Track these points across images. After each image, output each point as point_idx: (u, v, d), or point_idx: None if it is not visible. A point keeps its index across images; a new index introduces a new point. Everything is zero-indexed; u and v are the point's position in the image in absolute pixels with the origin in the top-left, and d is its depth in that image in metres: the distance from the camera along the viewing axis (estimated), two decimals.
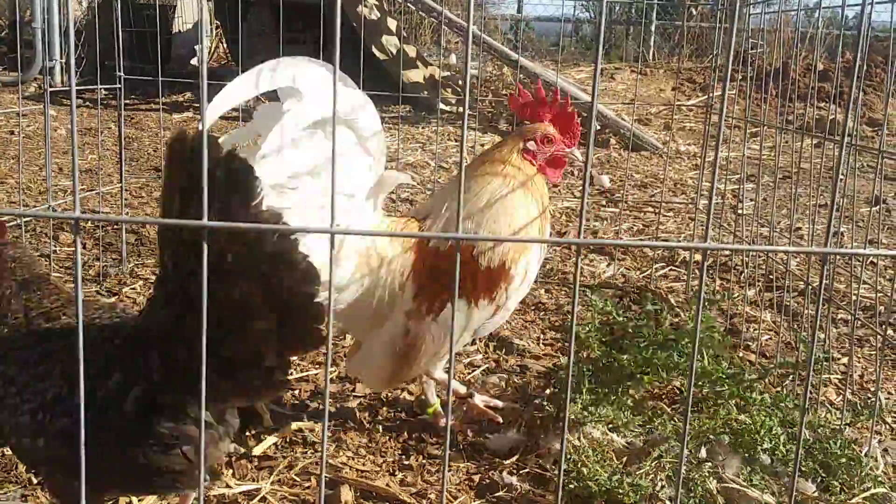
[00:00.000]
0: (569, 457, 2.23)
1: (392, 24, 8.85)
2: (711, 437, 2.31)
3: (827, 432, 2.45)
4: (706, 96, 7.44)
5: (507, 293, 2.34)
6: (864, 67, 3.99)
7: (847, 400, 2.89)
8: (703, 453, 2.23)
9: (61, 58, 8.70)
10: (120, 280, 3.71)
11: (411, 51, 8.89)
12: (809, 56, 9.39)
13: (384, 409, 2.69)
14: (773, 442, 2.27)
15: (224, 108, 2.01)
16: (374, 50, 8.34)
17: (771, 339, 3.41)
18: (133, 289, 3.62)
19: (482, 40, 7.90)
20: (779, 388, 2.92)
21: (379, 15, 8.72)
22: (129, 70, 9.00)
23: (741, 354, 3.22)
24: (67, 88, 4.70)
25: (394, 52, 8.45)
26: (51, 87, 8.39)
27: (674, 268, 4.35)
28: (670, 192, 6.14)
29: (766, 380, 3.00)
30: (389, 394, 2.78)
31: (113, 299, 3.51)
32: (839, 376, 3.10)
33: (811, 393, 2.90)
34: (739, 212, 5.09)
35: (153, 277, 3.75)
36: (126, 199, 5.02)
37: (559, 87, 7.38)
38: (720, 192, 5.66)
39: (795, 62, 4.50)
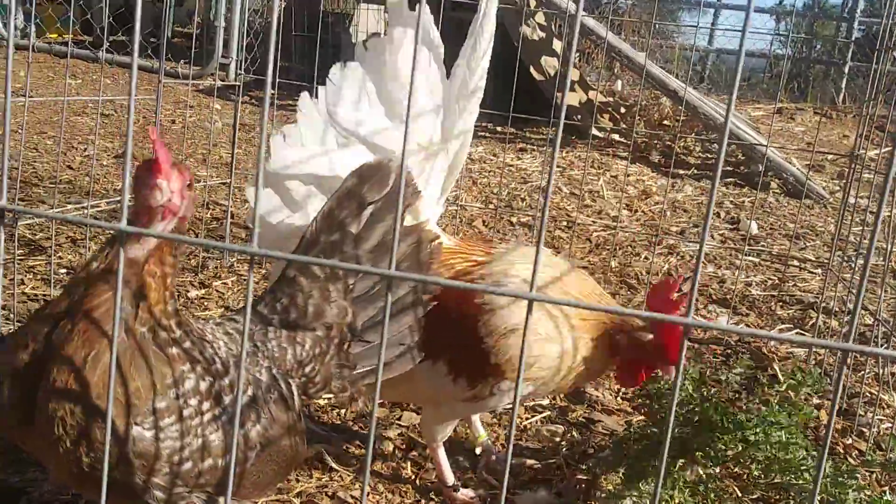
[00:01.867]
0: None
1: (557, 45, 8.68)
2: None
3: None
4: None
5: (492, 389, 2.06)
6: None
7: None
8: None
9: (237, 56, 9.20)
10: (216, 274, 3.77)
11: (573, 73, 8.68)
12: None
13: (423, 445, 2.53)
14: None
15: None
16: (532, 70, 8.20)
17: (894, 427, 2.95)
18: (224, 283, 3.67)
19: (644, 67, 7.56)
20: (885, 489, 2.50)
21: (543, 35, 8.57)
22: (298, 73, 9.37)
23: (849, 441, 2.80)
24: (236, 83, 4.87)
25: (552, 73, 8.28)
26: (222, 81, 8.92)
27: (801, 331, 3.90)
28: (825, 247, 5.56)
29: (873, 477, 2.58)
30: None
31: (202, 291, 3.57)
32: None
33: None
34: None
35: (244, 273, 3.80)
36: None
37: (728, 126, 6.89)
38: (884, 251, 5.05)
39: None
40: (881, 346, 3.41)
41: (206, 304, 3.48)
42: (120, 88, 8.32)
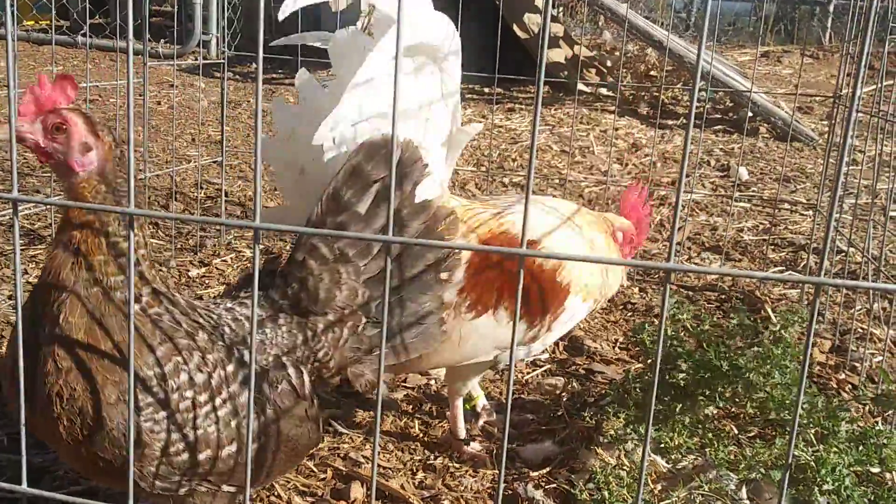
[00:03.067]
0: (598, 476, 2.05)
1: (540, 1, 8.62)
2: (763, 471, 2.05)
3: None
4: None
5: (550, 324, 2.18)
6: None
7: None
8: (743, 493, 1.99)
9: (217, 32, 9.14)
10: (215, 251, 3.82)
11: (557, 29, 8.64)
12: None
13: (429, 404, 2.60)
14: (836, 483, 1.99)
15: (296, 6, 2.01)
16: (515, 28, 8.16)
17: (887, 361, 3.02)
18: (224, 261, 3.72)
19: (626, 18, 7.54)
20: (878, 419, 2.58)
21: None
22: (284, 45, 9.32)
23: (842, 376, 2.88)
24: (220, 61, 4.85)
25: (535, 30, 8.24)
26: (205, 59, 8.86)
27: (794, 273, 3.96)
28: (816, 189, 5.61)
29: (867, 409, 2.66)
30: (439, 388, 2.69)
31: (203, 270, 3.62)
32: None
33: None
34: (892, 213, 4.58)
35: (248, 251, 3.85)
36: (243, 172, 5.21)
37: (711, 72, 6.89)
38: (873, 191, 5.10)
39: None
40: (871, 281, 3.48)
41: (207, 282, 3.53)
42: (101, 73, 8.27)
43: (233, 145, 5.77)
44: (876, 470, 2.19)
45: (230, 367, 1.56)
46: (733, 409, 2.52)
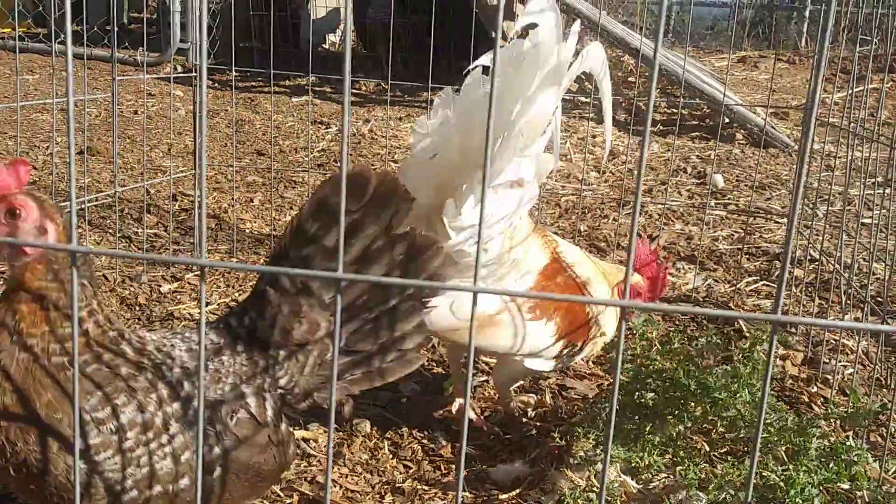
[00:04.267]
0: (567, 500, 2.05)
1: None
2: (732, 492, 2.05)
3: (884, 493, 2.13)
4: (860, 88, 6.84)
5: (572, 353, 2.47)
6: None
7: None
8: None
9: (195, 40, 9.09)
10: (188, 266, 3.79)
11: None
12: None
13: (401, 422, 2.58)
14: (807, 503, 1.99)
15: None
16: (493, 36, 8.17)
17: (859, 373, 3.03)
18: (197, 275, 3.68)
19: (600, 26, 7.56)
20: (850, 435, 2.59)
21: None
22: (259, 52, 9.26)
23: (814, 389, 2.88)
24: (191, 74, 4.80)
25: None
26: (184, 68, 8.81)
27: (768, 283, 3.98)
28: (791, 196, 5.64)
29: (839, 424, 2.67)
30: (414, 407, 2.68)
31: (175, 285, 3.59)
32: None
33: (885, 442, 2.54)
34: (864, 221, 4.61)
35: (218, 264, 3.82)
36: (218, 182, 5.17)
37: (686, 79, 6.93)
38: (848, 197, 5.14)
39: None
40: (843, 290, 3.50)
41: (178, 297, 3.50)
42: (78, 82, 8.19)
43: (210, 156, 5.72)
44: (846, 486, 2.20)
45: (176, 405, 1.54)
46: (704, 426, 2.53)
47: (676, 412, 2.21)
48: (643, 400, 2.26)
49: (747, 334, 3.15)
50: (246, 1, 9.27)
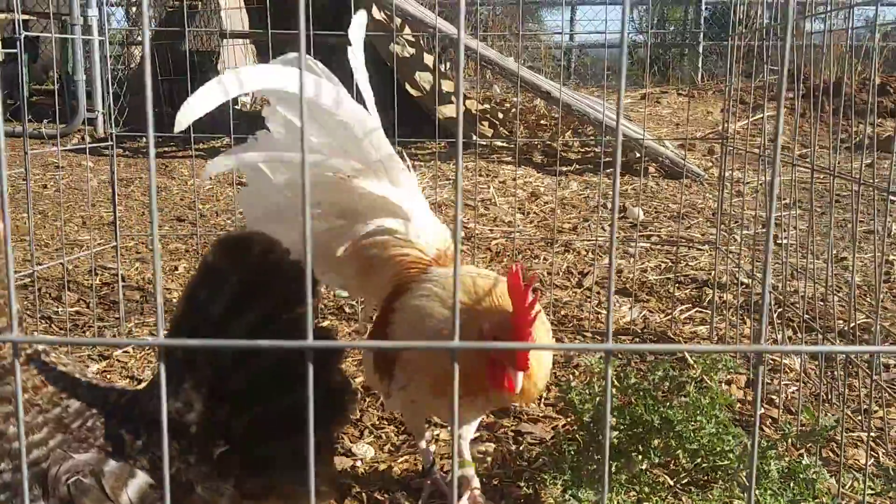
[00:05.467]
0: None
1: (429, 59, 8.75)
2: None
3: None
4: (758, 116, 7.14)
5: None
6: None
7: (880, 464, 2.60)
8: None
9: (103, 108, 8.88)
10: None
11: (448, 86, 8.78)
12: (866, 70, 8.96)
13: (359, 486, 2.50)
14: None
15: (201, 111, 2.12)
16: (408, 87, 8.25)
17: (800, 390, 3.11)
18: (126, 352, 3.53)
19: (516, 73, 7.73)
20: (802, 452, 2.64)
21: (413, 52, 8.64)
22: (170, 118, 9.12)
23: (762, 411, 2.94)
24: (107, 139, 4.67)
25: (427, 88, 8.35)
26: (93, 138, 8.57)
27: (700, 309, 4.07)
28: (708, 223, 5.82)
29: (790, 443, 2.71)
30: (364, 471, 2.60)
31: (103, 364, 3.43)
32: (874, 433, 2.78)
33: (836, 457, 2.60)
34: (781, 241, 4.77)
35: (150, 338, 3.66)
36: (139, 252, 5.00)
37: (592, 116, 7.09)
38: (761, 220, 5.33)
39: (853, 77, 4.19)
40: (774, 311, 3.60)
41: (108, 376, 3.34)
42: None
43: (127, 226, 5.55)
44: None
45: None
46: (666, 460, 2.53)
47: (641, 448, 2.21)
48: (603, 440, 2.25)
49: (691, 362, 3.21)
50: (153, 67, 9.14)
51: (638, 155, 7.37)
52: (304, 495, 1.48)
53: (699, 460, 2.29)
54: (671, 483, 2.39)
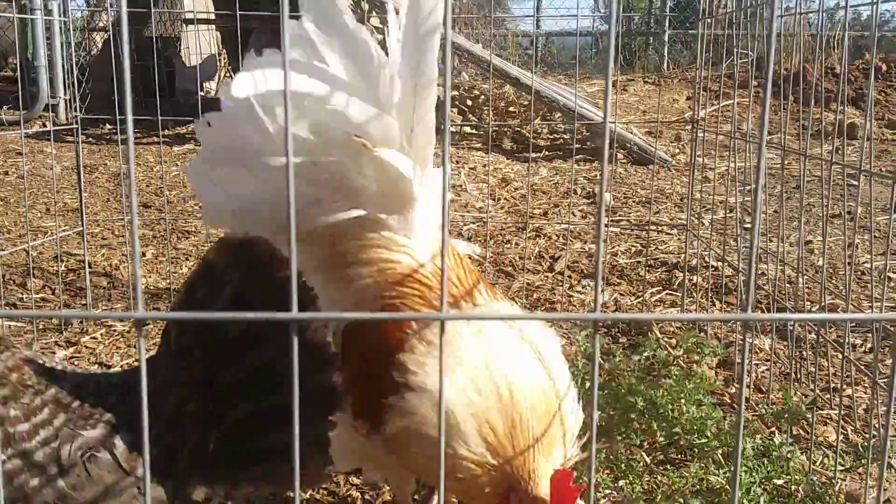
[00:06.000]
0: None
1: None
2: (681, 501, 2.07)
3: (819, 484, 2.20)
4: (727, 103, 7.20)
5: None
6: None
7: (849, 440, 2.64)
8: None
9: (65, 94, 8.70)
10: (82, 329, 3.56)
11: None
12: (829, 58, 9.10)
13: None
14: (752, 502, 2.03)
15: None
16: None
17: (769, 370, 3.15)
18: (94, 338, 3.47)
19: (486, 59, 7.72)
20: (773, 430, 2.67)
21: (381, 38, 8.58)
22: (135, 104, 8.99)
23: (733, 390, 2.97)
24: (72, 124, 4.57)
25: None
26: (55, 124, 8.40)
27: (670, 292, 4.11)
28: (676, 208, 5.88)
29: (761, 421, 2.75)
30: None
31: (70, 350, 3.36)
32: (843, 411, 2.83)
33: (807, 434, 2.64)
34: (746, 226, 4.83)
35: (119, 324, 3.60)
36: (105, 239, 4.92)
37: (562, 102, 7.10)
38: (730, 205, 5.40)
39: (815, 65, 4.24)
40: (744, 291, 3.65)
41: (77, 363, 3.28)
42: None
43: (92, 212, 5.44)
44: (781, 482, 2.26)
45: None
46: (643, 440, 2.55)
47: (624, 429, 2.23)
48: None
49: (663, 342, 3.24)
50: (117, 53, 8.96)
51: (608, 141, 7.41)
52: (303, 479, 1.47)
53: (676, 438, 2.31)
54: (647, 461, 2.41)
